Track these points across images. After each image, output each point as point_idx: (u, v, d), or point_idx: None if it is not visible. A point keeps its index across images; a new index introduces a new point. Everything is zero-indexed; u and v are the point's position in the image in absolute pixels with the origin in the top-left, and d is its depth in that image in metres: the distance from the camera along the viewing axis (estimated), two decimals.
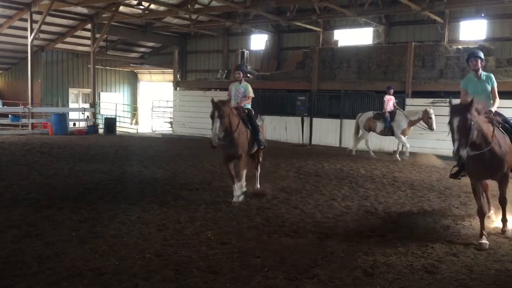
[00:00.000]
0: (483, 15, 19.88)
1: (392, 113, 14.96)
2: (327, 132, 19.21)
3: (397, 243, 6.00)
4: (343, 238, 6.22)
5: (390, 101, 15.12)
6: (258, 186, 9.15)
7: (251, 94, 8.75)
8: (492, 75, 6.83)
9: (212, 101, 7.65)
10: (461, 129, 5.51)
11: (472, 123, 5.53)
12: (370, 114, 15.62)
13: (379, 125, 15.17)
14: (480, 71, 6.71)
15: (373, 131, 15.52)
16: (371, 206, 8.21)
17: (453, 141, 5.55)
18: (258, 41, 26.48)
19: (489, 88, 6.68)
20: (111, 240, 5.85)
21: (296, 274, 4.88)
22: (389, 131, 15.06)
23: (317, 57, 19.85)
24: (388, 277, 4.87)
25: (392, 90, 15.33)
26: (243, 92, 8.70)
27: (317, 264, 5.18)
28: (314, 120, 19.42)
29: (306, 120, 19.39)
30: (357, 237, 6.25)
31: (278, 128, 20.29)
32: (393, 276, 4.90)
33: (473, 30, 20.44)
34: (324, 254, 5.51)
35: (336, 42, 23.26)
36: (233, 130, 7.81)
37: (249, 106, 8.74)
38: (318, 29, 23.65)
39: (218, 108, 7.46)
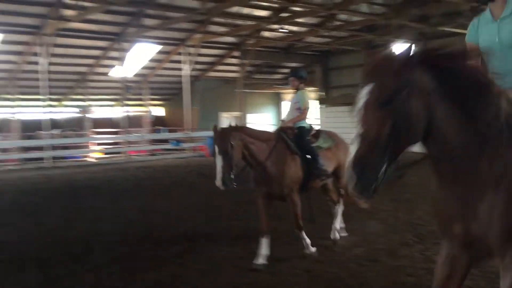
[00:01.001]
0: None
1: None
2: None
3: None
4: None
5: None
6: (337, 226, 6.63)
7: (307, 105, 6.40)
8: None
9: (214, 129, 5.63)
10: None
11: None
12: None
13: None
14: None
15: None
16: None
17: None
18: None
19: None
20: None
21: None
22: None
23: None
24: None
25: None
26: (298, 104, 6.43)
27: (478, 286, 4.80)
28: None
29: None
30: None
31: None
32: None
33: None
34: (484, 275, 5.09)
35: None
36: (261, 159, 5.72)
37: (304, 124, 6.41)
38: (466, 31, 22.05)
39: (219, 139, 5.40)
